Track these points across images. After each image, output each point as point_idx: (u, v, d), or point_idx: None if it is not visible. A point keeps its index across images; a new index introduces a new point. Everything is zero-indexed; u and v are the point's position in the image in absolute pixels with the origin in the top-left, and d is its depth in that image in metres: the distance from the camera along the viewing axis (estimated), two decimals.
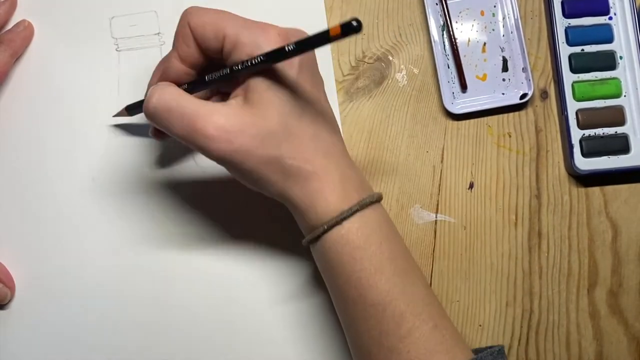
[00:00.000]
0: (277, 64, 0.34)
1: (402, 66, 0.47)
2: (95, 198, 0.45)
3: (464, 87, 0.46)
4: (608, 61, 0.46)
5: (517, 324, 0.46)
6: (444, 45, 0.47)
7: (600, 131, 0.46)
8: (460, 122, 0.47)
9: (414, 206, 0.46)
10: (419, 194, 0.46)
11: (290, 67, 0.35)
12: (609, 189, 0.47)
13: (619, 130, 0.46)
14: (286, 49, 0.32)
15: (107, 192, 0.45)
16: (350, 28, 0.29)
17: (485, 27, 0.47)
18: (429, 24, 0.46)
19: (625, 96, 0.46)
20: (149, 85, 0.39)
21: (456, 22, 0.47)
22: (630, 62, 0.46)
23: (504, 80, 0.47)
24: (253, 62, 0.34)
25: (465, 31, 0.47)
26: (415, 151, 0.47)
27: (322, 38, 0.31)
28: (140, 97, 0.40)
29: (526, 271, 0.46)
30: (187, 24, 0.36)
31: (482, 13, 0.47)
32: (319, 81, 0.38)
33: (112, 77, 0.46)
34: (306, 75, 0.36)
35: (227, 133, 0.34)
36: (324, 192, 0.36)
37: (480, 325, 0.46)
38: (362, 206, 0.36)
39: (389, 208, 0.46)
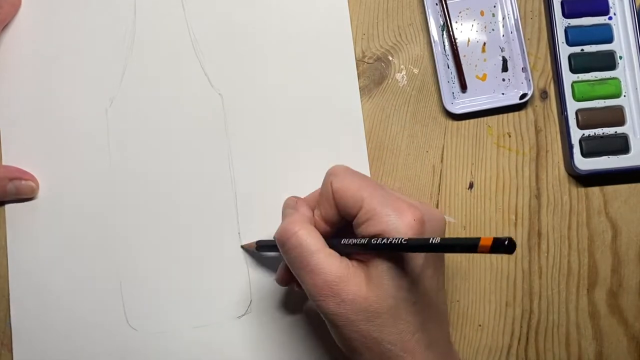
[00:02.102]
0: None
1: (402, 66, 0.47)
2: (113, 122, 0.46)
3: (463, 87, 0.46)
4: (608, 61, 0.46)
5: (517, 324, 0.46)
6: (444, 45, 0.47)
7: (600, 131, 0.46)
8: (460, 122, 0.47)
9: None
10: (418, 194, 0.46)
11: (417, 256, 0.35)
12: (609, 189, 0.47)
13: (619, 130, 0.46)
14: (430, 241, 0.31)
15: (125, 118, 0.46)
16: (501, 246, 0.27)
17: (485, 27, 0.47)
18: (429, 24, 0.46)
19: (625, 96, 0.46)
20: (295, 204, 0.40)
21: (456, 22, 0.47)
22: (630, 62, 0.46)
23: (503, 80, 0.47)
24: (393, 242, 0.33)
25: (465, 31, 0.47)
26: (415, 151, 0.47)
27: (469, 247, 0.29)
28: None
29: (526, 271, 0.46)
30: (330, 185, 0.37)
31: (482, 13, 0.47)
32: (440, 272, 0.38)
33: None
34: (430, 263, 0.36)
35: (338, 297, 0.34)
36: None
37: (480, 325, 0.46)
38: None
39: None
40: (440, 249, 0.31)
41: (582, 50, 0.46)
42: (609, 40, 0.47)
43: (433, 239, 0.31)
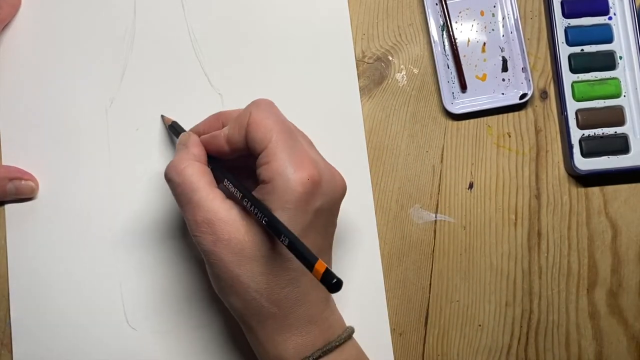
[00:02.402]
0: (290, 205, 0.34)
1: (402, 66, 0.47)
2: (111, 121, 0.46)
3: (463, 87, 0.46)
4: (608, 61, 0.46)
5: (517, 323, 0.46)
6: (444, 45, 0.47)
7: (599, 131, 0.46)
8: (460, 122, 0.47)
9: (414, 206, 0.46)
10: (418, 194, 0.46)
11: (304, 213, 0.35)
12: (609, 189, 0.47)
13: (619, 130, 0.46)
14: (281, 239, 0.33)
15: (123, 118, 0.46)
16: (329, 282, 0.30)
17: (485, 27, 0.47)
18: (429, 24, 0.46)
19: (624, 96, 0.46)
20: (194, 127, 0.41)
21: (456, 22, 0.47)
22: (630, 62, 0.46)
23: (503, 80, 0.47)
24: (257, 213, 0.34)
25: (465, 31, 0.47)
26: (415, 151, 0.47)
27: (307, 264, 0.31)
28: None
29: (526, 271, 0.46)
30: (248, 114, 0.36)
31: (482, 13, 0.47)
32: (328, 230, 0.38)
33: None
34: (317, 224, 0.36)
35: (214, 235, 0.35)
36: (283, 336, 0.36)
37: (479, 325, 0.46)
38: (325, 352, 0.36)
39: (388, 208, 0.46)
40: (286, 246, 0.32)
41: (582, 50, 0.46)
42: (609, 40, 0.47)
43: (284, 237, 0.32)
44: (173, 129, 0.44)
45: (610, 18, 0.47)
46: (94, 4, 0.46)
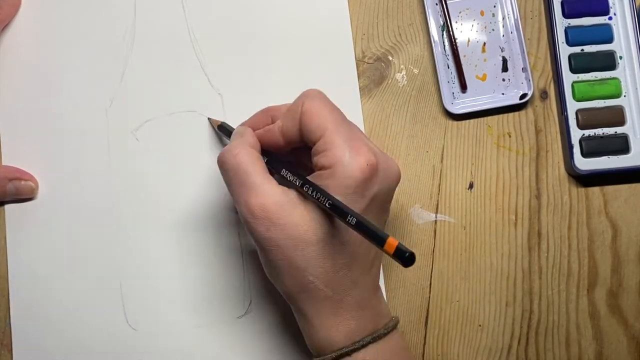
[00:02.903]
0: (350, 190, 0.34)
1: (402, 66, 0.47)
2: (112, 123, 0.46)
3: (463, 87, 0.46)
4: (608, 61, 0.46)
5: (517, 324, 0.46)
6: (444, 45, 0.47)
7: (600, 131, 0.46)
8: (460, 122, 0.47)
9: (414, 206, 0.46)
10: (418, 194, 0.46)
11: (362, 198, 0.35)
12: (609, 189, 0.47)
13: (619, 130, 0.46)
14: (347, 219, 0.32)
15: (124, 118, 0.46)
16: (402, 256, 0.30)
17: (485, 27, 0.47)
18: (429, 24, 0.46)
19: (625, 96, 0.46)
20: (244, 123, 0.41)
21: (456, 22, 0.47)
22: (630, 62, 0.46)
23: (503, 80, 0.47)
24: (319, 197, 0.34)
25: (465, 31, 0.47)
26: (415, 151, 0.47)
27: (378, 242, 0.31)
28: None
29: (526, 271, 0.46)
30: (301, 105, 0.37)
31: (482, 13, 0.47)
32: (382, 217, 0.38)
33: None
34: (373, 209, 0.36)
35: (269, 220, 0.35)
36: (336, 319, 0.36)
37: (480, 325, 0.46)
38: (374, 338, 0.36)
39: None
40: (353, 226, 0.32)
41: (582, 50, 0.46)
42: (609, 40, 0.47)
43: (350, 217, 0.32)
44: (224, 130, 0.43)
45: (610, 18, 0.47)
46: (94, 4, 0.46)
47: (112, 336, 0.44)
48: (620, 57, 0.46)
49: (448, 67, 0.47)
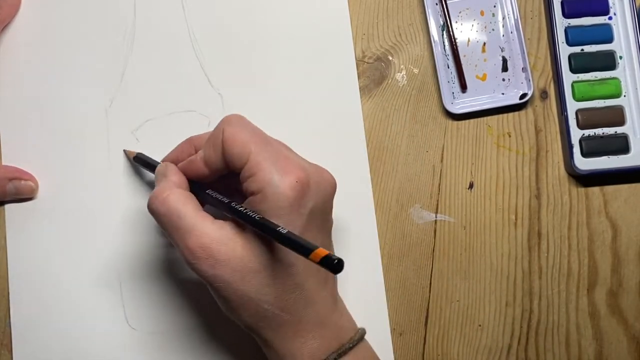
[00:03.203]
0: (284, 211, 0.34)
1: (402, 66, 0.47)
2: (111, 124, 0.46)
3: (463, 87, 0.46)
4: (608, 61, 0.46)
5: (517, 324, 0.46)
6: (444, 45, 0.47)
7: (600, 131, 0.46)
8: (460, 122, 0.47)
9: (414, 206, 0.46)
10: (418, 194, 0.46)
11: (298, 216, 0.35)
12: (609, 188, 0.47)
13: (619, 130, 0.46)
14: (278, 229, 0.32)
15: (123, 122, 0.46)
16: (330, 263, 0.30)
17: (485, 27, 0.47)
18: (429, 24, 0.46)
19: (625, 96, 0.46)
20: (167, 156, 0.40)
21: (456, 22, 0.47)
22: (630, 62, 0.46)
23: (503, 80, 0.47)
24: (248, 213, 0.34)
25: (465, 31, 0.47)
26: (415, 151, 0.47)
27: (303, 251, 0.31)
28: None
29: (526, 271, 0.46)
30: (221, 132, 0.36)
31: (482, 13, 0.47)
32: (325, 227, 0.38)
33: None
34: (313, 223, 0.36)
35: (212, 258, 0.34)
36: (298, 341, 0.36)
37: (480, 325, 0.46)
38: (340, 354, 0.36)
39: (388, 208, 0.46)
40: (281, 241, 0.32)
41: (582, 50, 0.46)
42: (609, 40, 0.47)
43: (281, 228, 0.32)
44: (140, 161, 0.43)
45: (610, 18, 0.47)
46: (94, 4, 0.46)
47: (112, 336, 0.44)
48: (620, 57, 0.46)
49: (448, 67, 0.47)
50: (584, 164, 0.45)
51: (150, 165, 0.42)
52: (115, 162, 0.45)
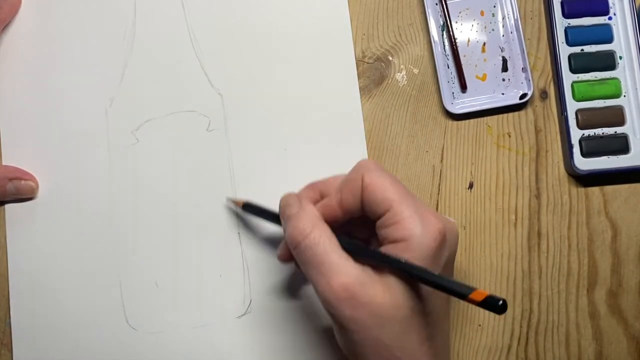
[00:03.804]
0: (428, 261, 0.34)
1: (401, 66, 0.47)
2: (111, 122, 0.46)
3: (463, 87, 0.46)
4: (608, 61, 0.46)
5: (517, 323, 0.46)
6: (444, 45, 0.47)
7: (599, 131, 0.46)
8: (460, 122, 0.47)
9: None
10: (418, 194, 0.46)
11: (437, 267, 0.35)
12: (609, 189, 0.47)
13: (619, 130, 0.46)
14: (429, 281, 0.33)
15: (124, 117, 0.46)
16: (494, 305, 0.30)
17: (485, 27, 0.47)
18: (429, 24, 0.46)
19: (624, 96, 0.46)
20: (298, 202, 0.38)
21: (456, 22, 0.47)
22: (630, 62, 0.46)
23: (503, 80, 0.47)
24: (403, 263, 0.34)
25: (465, 31, 0.47)
26: (415, 151, 0.47)
27: (461, 295, 0.31)
28: None
29: (526, 271, 0.46)
30: (361, 178, 0.36)
31: (482, 13, 0.47)
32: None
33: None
34: (445, 273, 0.36)
35: (354, 300, 0.34)
36: None
37: (480, 325, 0.46)
38: None
39: None
40: (434, 284, 0.32)
41: (582, 50, 0.46)
42: (609, 40, 0.47)
43: (433, 271, 0.33)
44: (250, 209, 0.43)
45: (610, 18, 0.47)
46: (94, 4, 0.46)
47: (112, 336, 0.44)
48: (620, 57, 0.46)
49: (448, 67, 0.47)
50: (584, 164, 0.45)
51: (264, 212, 0.41)
52: (115, 162, 0.45)
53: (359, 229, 0.39)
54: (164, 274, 0.45)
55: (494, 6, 0.47)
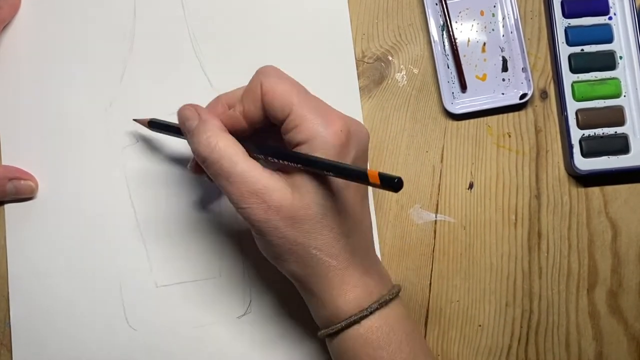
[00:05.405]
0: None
1: (401, 66, 0.47)
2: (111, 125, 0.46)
3: (463, 87, 0.46)
4: (608, 61, 0.46)
5: (517, 324, 0.46)
6: (444, 45, 0.47)
7: (600, 131, 0.46)
8: (460, 122, 0.47)
9: (414, 206, 0.46)
10: (418, 194, 0.46)
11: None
12: (609, 189, 0.47)
13: (619, 130, 0.46)
14: (327, 174, 0.34)
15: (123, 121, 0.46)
16: (389, 183, 0.30)
17: (485, 27, 0.47)
18: (429, 24, 0.46)
19: (625, 96, 0.46)
20: (196, 114, 0.38)
21: (456, 22, 0.47)
22: (630, 62, 0.46)
23: (503, 80, 0.47)
24: (303, 156, 0.34)
25: (465, 31, 0.47)
26: (415, 151, 0.47)
27: (360, 178, 0.32)
28: None
29: (526, 271, 0.46)
30: (259, 85, 0.36)
31: (482, 13, 0.47)
32: (363, 187, 0.38)
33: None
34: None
35: (264, 203, 0.35)
36: (343, 288, 0.36)
37: (479, 326, 0.46)
38: (381, 304, 0.36)
39: (388, 208, 0.46)
40: (336, 171, 0.33)
41: (582, 50, 0.46)
42: (609, 40, 0.47)
43: (332, 161, 0.34)
44: (157, 126, 0.43)
45: (610, 18, 0.47)
46: (93, 5, 0.46)
47: (112, 336, 0.44)
48: (620, 57, 0.46)
49: (448, 67, 0.47)
50: (584, 164, 0.45)
51: (170, 127, 0.41)
52: (115, 161, 0.45)
53: (275, 137, 0.38)
54: (164, 274, 0.45)
55: (494, 6, 0.47)
